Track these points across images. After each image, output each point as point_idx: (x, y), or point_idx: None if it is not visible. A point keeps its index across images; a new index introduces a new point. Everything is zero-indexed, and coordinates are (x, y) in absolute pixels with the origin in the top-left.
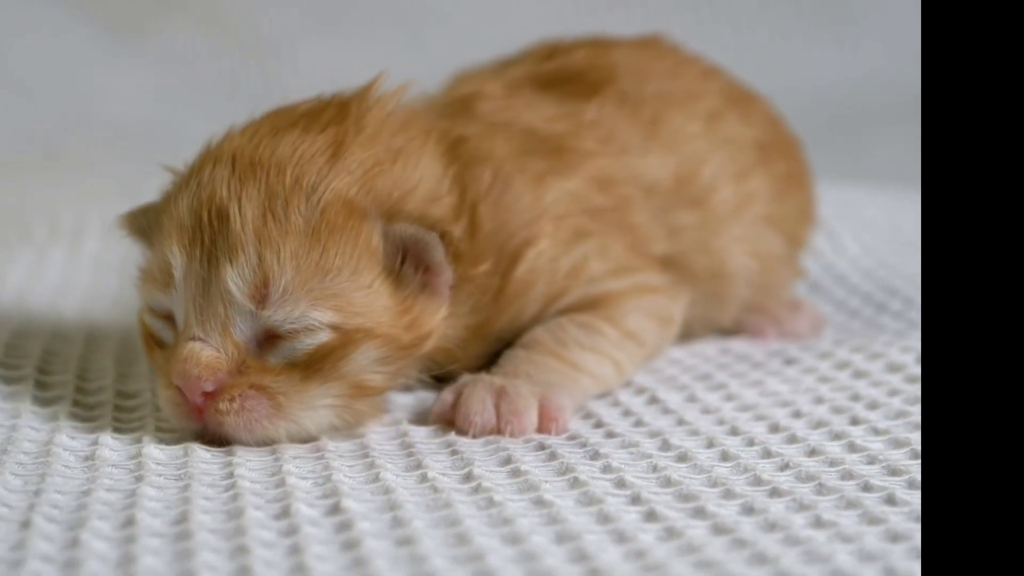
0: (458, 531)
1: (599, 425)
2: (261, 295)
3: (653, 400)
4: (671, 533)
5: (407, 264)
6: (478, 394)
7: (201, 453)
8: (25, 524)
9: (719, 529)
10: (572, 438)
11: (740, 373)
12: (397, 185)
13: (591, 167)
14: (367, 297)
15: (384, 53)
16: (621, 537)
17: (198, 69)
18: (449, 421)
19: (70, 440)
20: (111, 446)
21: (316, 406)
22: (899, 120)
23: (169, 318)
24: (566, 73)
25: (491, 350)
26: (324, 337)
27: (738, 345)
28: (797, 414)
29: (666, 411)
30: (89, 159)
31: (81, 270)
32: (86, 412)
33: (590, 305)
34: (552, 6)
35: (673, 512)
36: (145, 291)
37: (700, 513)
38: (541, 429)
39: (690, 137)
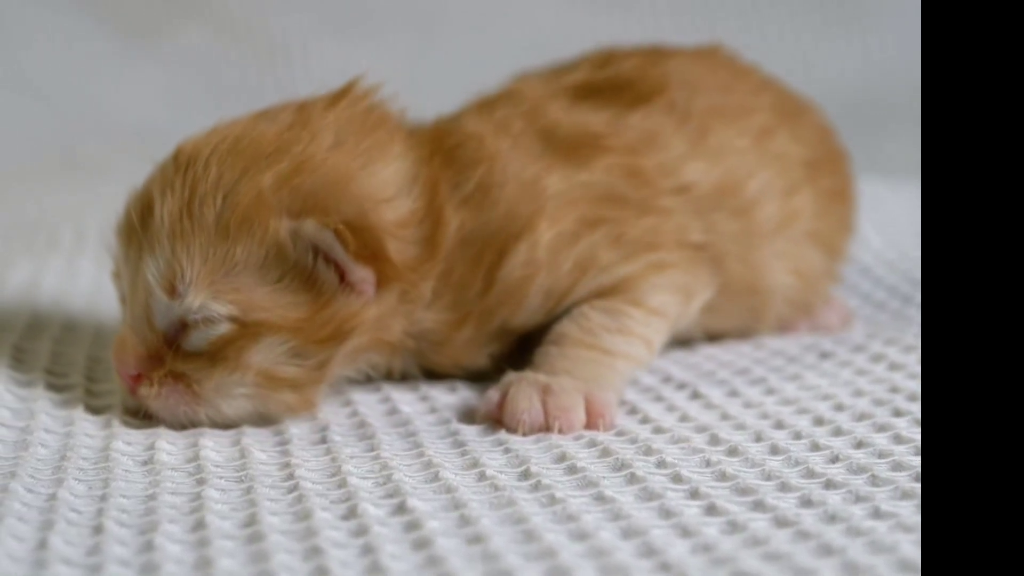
0: (525, 528)
1: (646, 420)
2: (172, 287)
3: (695, 395)
4: (734, 526)
5: (319, 261)
6: (524, 392)
7: (258, 455)
8: (97, 529)
9: (781, 521)
10: (621, 434)
11: (777, 367)
12: (329, 184)
13: (614, 159)
14: (272, 292)
15: (398, 57)
16: (686, 531)
17: (213, 74)
18: (496, 419)
19: (126, 445)
20: (167, 450)
21: (233, 394)
22: (917, 113)
23: None
24: (616, 82)
25: (505, 344)
26: (224, 328)
27: (771, 340)
28: (839, 407)
29: (709, 406)
30: (106, 164)
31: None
32: (137, 418)
33: (607, 293)
34: (564, 11)
35: (733, 506)
36: (114, 282)
37: (760, 506)
38: (588, 425)
39: (738, 151)
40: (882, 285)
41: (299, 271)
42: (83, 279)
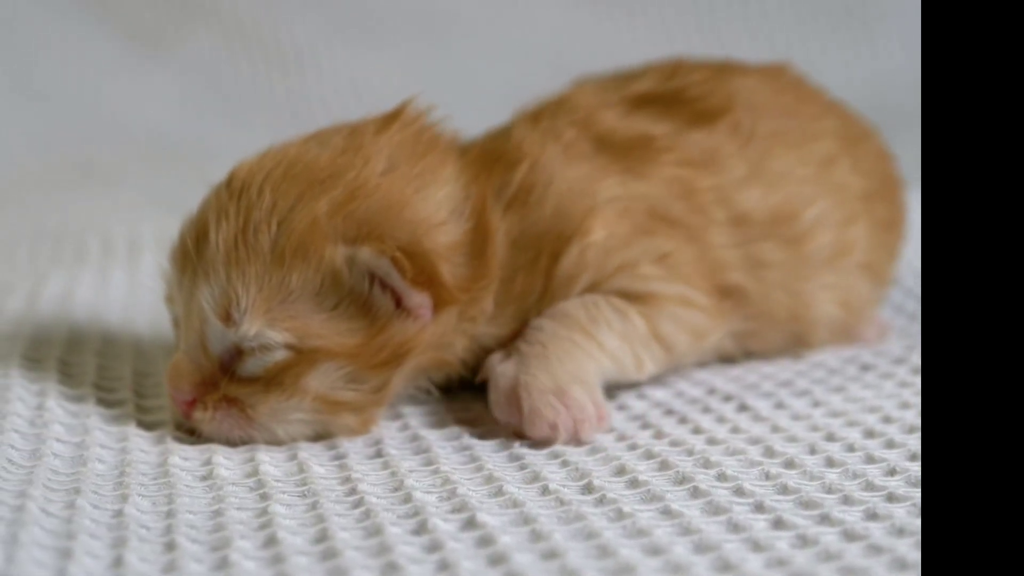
0: (599, 543)
1: (698, 431)
2: (227, 314)
3: (743, 407)
4: (804, 540)
5: (375, 287)
6: (543, 400)
7: (317, 469)
8: (170, 546)
9: (850, 535)
10: (676, 444)
11: (820, 379)
12: (383, 210)
13: (671, 172)
14: (328, 319)
15: (407, 63)
16: (757, 545)
17: (223, 81)
18: (517, 429)
19: (183, 460)
20: (225, 465)
21: (289, 419)
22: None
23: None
24: (679, 96)
25: None
26: (280, 355)
27: (811, 352)
28: (887, 419)
29: (758, 418)
30: (121, 171)
31: (143, 286)
32: (189, 433)
33: (630, 297)
34: (572, 17)
35: (799, 519)
36: (167, 306)
37: (827, 520)
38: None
39: (799, 180)
40: (913, 295)
41: (355, 297)
42: (115, 291)
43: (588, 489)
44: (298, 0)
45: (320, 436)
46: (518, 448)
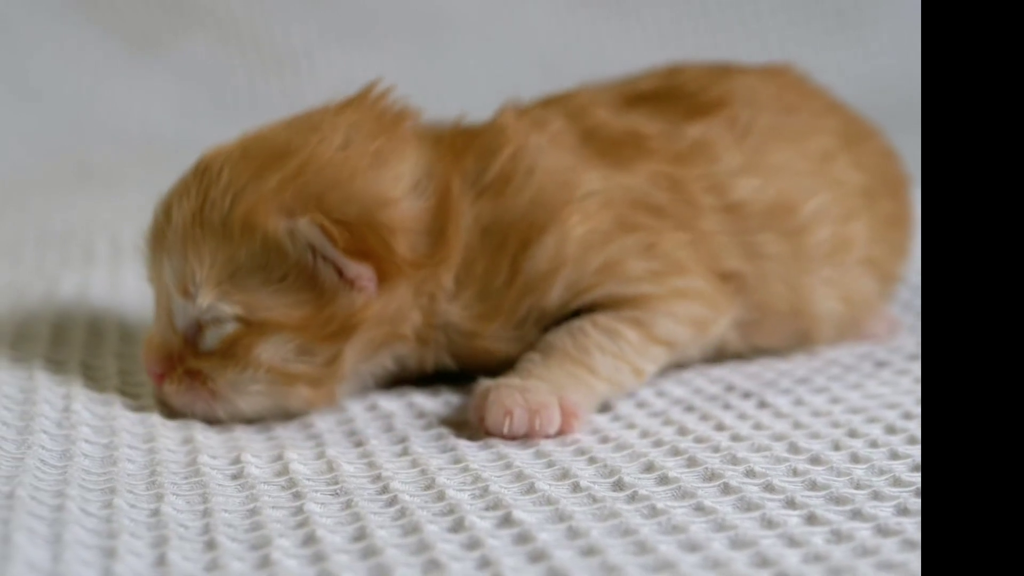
0: (636, 540)
1: (721, 428)
2: (185, 288)
3: (762, 404)
4: (839, 536)
5: (319, 259)
6: (505, 393)
7: (346, 467)
8: (211, 544)
9: (884, 531)
10: (701, 440)
11: (837, 376)
12: (332, 184)
13: (658, 166)
14: (276, 292)
15: (402, 65)
16: (792, 541)
17: (219, 83)
18: (479, 422)
19: (212, 459)
20: (255, 463)
21: (248, 391)
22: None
23: None
24: (675, 92)
25: (534, 333)
26: (231, 327)
27: (825, 349)
28: (908, 415)
29: (779, 414)
30: (120, 173)
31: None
32: (217, 433)
33: (621, 304)
34: (567, 20)
35: (832, 515)
36: (150, 284)
37: (859, 515)
38: (562, 426)
39: (796, 172)
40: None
41: (301, 270)
42: (127, 292)
43: (619, 486)
44: (293, 2)
45: (283, 411)
46: (543, 446)
